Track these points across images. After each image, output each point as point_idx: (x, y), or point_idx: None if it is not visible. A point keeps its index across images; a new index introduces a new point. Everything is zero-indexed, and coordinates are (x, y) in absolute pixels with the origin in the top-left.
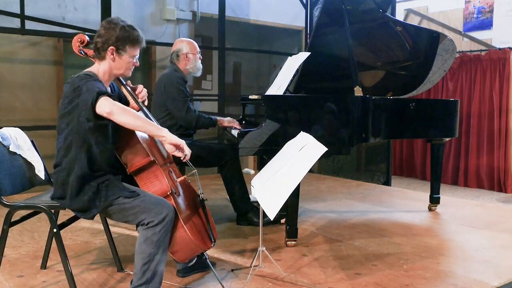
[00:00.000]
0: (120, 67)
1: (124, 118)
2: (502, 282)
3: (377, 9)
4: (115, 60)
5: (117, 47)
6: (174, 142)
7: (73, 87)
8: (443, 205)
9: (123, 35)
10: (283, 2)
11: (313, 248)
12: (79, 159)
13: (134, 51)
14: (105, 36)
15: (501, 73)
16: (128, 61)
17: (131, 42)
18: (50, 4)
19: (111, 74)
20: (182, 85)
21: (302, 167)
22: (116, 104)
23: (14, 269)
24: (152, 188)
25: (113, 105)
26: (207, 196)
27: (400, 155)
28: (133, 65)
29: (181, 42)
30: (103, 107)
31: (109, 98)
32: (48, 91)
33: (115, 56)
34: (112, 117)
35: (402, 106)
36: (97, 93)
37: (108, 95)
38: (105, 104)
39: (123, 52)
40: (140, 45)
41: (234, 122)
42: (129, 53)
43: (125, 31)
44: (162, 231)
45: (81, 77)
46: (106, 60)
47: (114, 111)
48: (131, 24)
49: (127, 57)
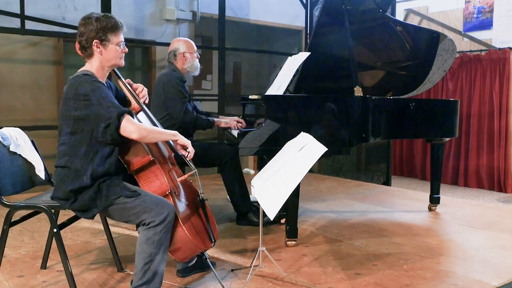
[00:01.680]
0: (110, 58)
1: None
2: (502, 282)
3: (377, 9)
4: (102, 52)
5: (100, 39)
6: (183, 143)
7: (76, 91)
8: (443, 205)
9: (101, 26)
10: (283, 2)
11: (313, 248)
12: (85, 169)
13: (117, 37)
14: (85, 33)
15: (501, 73)
16: (115, 50)
17: (111, 29)
18: (50, 4)
19: (104, 69)
20: (180, 85)
21: (302, 167)
22: (140, 127)
23: (14, 269)
24: (152, 187)
25: (139, 130)
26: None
27: (400, 155)
28: (122, 52)
29: (177, 41)
30: (129, 132)
31: (129, 117)
32: (48, 91)
33: (101, 49)
34: (141, 141)
35: (402, 106)
36: (118, 116)
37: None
38: (130, 130)
39: (107, 42)
40: (121, 30)
41: (231, 123)
42: (113, 41)
43: (101, 21)
44: (163, 231)
45: (81, 78)
46: (95, 56)
47: (141, 135)
48: (105, 13)
49: (113, 46)
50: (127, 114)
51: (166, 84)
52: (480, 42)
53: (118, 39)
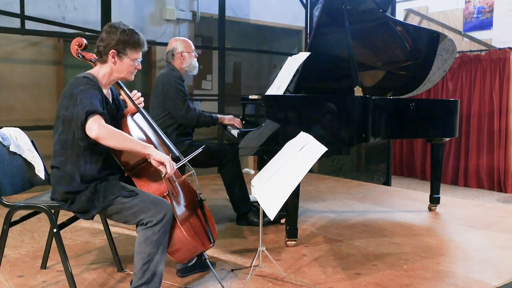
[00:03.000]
0: (122, 70)
1: (111, 142)
2: (502, 282)
3: (377, 9)
4: (116, 63)
5: (118, 50)
6: (157, 159)
7: (71, 92)
8: (443, 205)
9: (124, 39)
10: (283, 2)
11: (313, 248)
12: (76, 167)
13: (136, 54)
14: (106, 40)
15: (501, 73)
16: (129, 64)
17: (132, 45)
18: (50, 4)
19: (111, 77)
20: (180, 84)
21: (302, 167)
22: (104, 127)
23: (14, 269)
24: (150, 189)
25: (99, 128)
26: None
27: (400, 155)
28: (135, 68)
29: (175, 41)
30: (89, 130)
31: (99, 117)
32: (48, 91)
33: (116, 60)
34: (99, 141)
35: (402, 106)
36: (86, 113)
37: (98, 113)
38: (92, 127)
39: (124, 55)
40: (141, 48)
41: (234, 120)
42: (130, 56)
43: (126, 35)
44: (161, 230)
45: (80, 80)
46: (107, 64)
47: (101, 135)
48: (132, 28)
49: (129, 61)
50: (98, 114)
51: (166, 84)
52: (480, 42)
53: (136, 55)
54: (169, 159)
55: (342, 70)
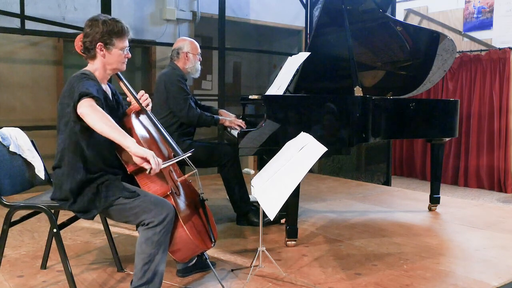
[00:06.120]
0: (112, 61)
1: (92, 120)
2: (502, 282)
3: (377, 9)
4: (106, 55)
5: (104, 42)
6: (138, 154)
7: (70, 89)
8: (443, 205)
9: (107, 29)
10: (283, 2)
11: (313, 248)
12: (75, 163)
13: (122, 42)
14: (90, 35)
15: (501, 73)
16: (118, 54)
17: (117, 34)
18: (50, 4)
19: (105, 71)
20: (182, 83)
21: (302, 167)
22: (92, 105)
23: (14, 269)
24: (153, 187)
25: (88, 107)
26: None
27: (400, 155)
28: (125, 57)
29: (183, 40)
30: (79, 108)
31: (91, 100)
32: (48, 91)
33: (104, 52)
34: (84, 118)
35: (402, 106)
36: (79, 94)
37: (92, 97)
38: (82, 105)
39: (111, 46)
40: (126, 35)
41: (235, 122)
42: (117, 45)
43: (108, 25)
44: (162, 231)
45: (77, 76)
46: (97, 58)
47: (85, 112)
48: (113, 17)
49: (117, 50)
50: (91, 97)
51: (168, 83)
52: (480, 42)
53: (123, 44)
54: (152, 154)
55: (342, 70)
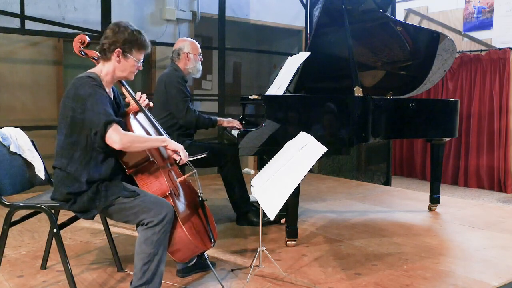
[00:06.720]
0: (124, 69)
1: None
2: (502, 282)
3: (377, 9)
4: (121, 62)
5: (123, 50)
6: (173, 148)
7: (76, 92)
8: (443, 205)
9: (131, 39)
10: (283, 2)
11: (313, 248)
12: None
13: (140, 55)
14: (112, 38)
15: (501, 73)
16: (132, 64)
17: (138, 46)
18: (50, 4)
19: (114, 76)
20: (182, 85)
21: (302, 167)
22: (125, 136)
23: (14, 269)
24: (152, 188)
25: (121, 140)
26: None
27: (400, 155)
28: (137, 68)
29: (183, 41)
30: (112, 141)
31: (117, 126)
32: (48, 91)
33: (120, 58)
34: (115, 147)
35: (402, 106)
36: (105, 125)
37: (115, 122)
38: (114, 140)
39: (129, 55)
40: (146, 50)
41: (233, 122)
42: (135, 56)
43: (133, 35)
44: (161, 231)
45: (84, 80)
46: (111, 62)
47: (124, 145)
48: (138, 29)
49: (132, 61)
50: (115, 123)
51: (168, 84)
52: (480, 42)
53: (140, 56)
54: (182, 147)
55: (342, 70)
